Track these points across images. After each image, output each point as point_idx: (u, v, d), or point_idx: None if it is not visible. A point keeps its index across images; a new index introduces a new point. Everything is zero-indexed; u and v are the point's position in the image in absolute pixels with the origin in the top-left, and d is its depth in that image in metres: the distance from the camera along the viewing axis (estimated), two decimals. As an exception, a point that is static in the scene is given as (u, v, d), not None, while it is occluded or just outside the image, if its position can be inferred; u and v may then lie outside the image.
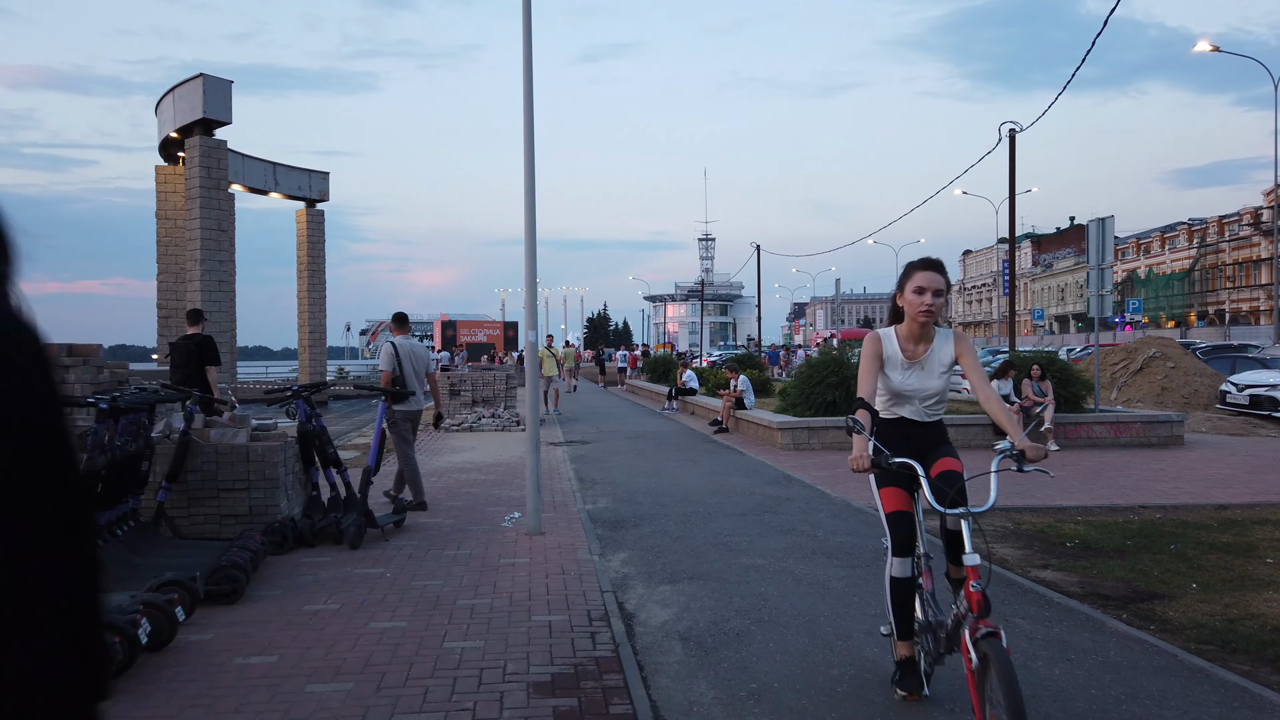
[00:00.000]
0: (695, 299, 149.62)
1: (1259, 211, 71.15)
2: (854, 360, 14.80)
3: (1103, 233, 14.45)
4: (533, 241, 7.49)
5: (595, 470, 11.35)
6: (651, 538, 7.19)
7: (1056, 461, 12.02)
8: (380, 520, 7.24)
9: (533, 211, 7.51)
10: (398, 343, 8.83)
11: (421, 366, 8.94)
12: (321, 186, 31.03)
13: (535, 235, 7.48)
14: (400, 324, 9.19)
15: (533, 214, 7.47)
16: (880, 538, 4.03)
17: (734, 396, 16.60)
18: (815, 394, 14.45)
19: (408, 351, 8.82)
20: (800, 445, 13.55)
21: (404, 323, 9.21)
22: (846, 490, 9.63)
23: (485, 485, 10.22)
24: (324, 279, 31.48)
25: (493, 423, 17.31)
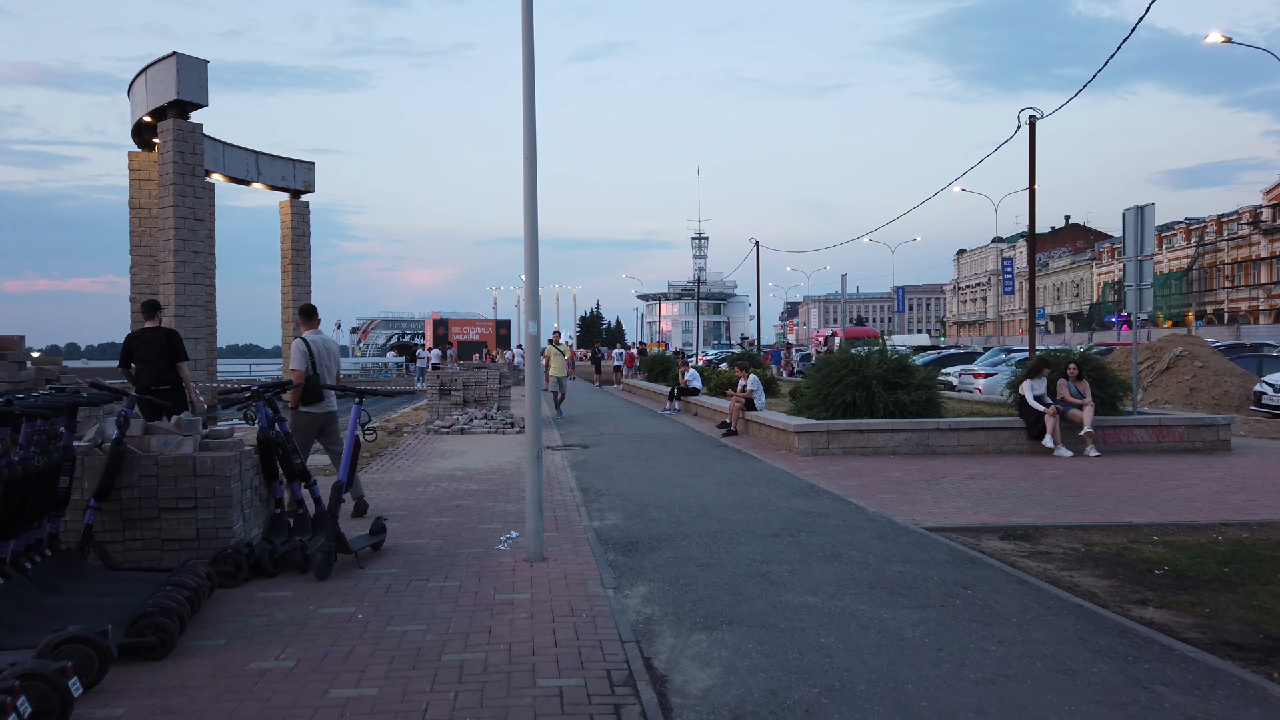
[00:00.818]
0: (688, 298, 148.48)
1: (1258, 210, 70.46)
2: (874, 356, 13.76)
3: (1141, 222, 13.44)
4: (533, 216, 6.41)
5: (599, 479, 10.27)
6: (673, 565, 6.12)
7: (1102, 469, 11.00)
8: (354, 544, 6.15)
9: (533, 180, 6.43)
10: (309, 339, 7.83)
11: (334, 364, 8.06)
12: (306, 177, 29.82)
13: (536, 208, 6.40)
14: (308, 317, 8.22)
15: (533, 182, 6.40)
16: (945, 565, 2.95)
17: (743, 397, 15.54)
18: (834, 395, 13.40)
19: (320, 348, 7.83)
20: (819, 450, 12.50)
21: (312, 316, 8.26)
22: (882, 503, 8.58)
23: (478, 496, 9.13)
24: (309, 273, 30.26)
25: (485, 424, 16.21)
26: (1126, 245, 13.70)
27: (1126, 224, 13.68)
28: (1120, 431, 12.83)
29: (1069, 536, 7.31)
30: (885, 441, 12.61)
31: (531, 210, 6.39)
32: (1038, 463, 11.64)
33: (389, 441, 15.36)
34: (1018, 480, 10.15)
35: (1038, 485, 9.78)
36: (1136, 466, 11.23)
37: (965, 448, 12.66)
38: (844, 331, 29.71)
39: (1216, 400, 18.00)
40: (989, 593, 5.42)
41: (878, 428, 12.62)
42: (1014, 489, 9.54)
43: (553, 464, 11.68)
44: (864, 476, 10.48)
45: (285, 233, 29.75)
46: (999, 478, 10.35)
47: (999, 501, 8.78)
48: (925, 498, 8.98)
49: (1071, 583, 5.86)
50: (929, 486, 9.71)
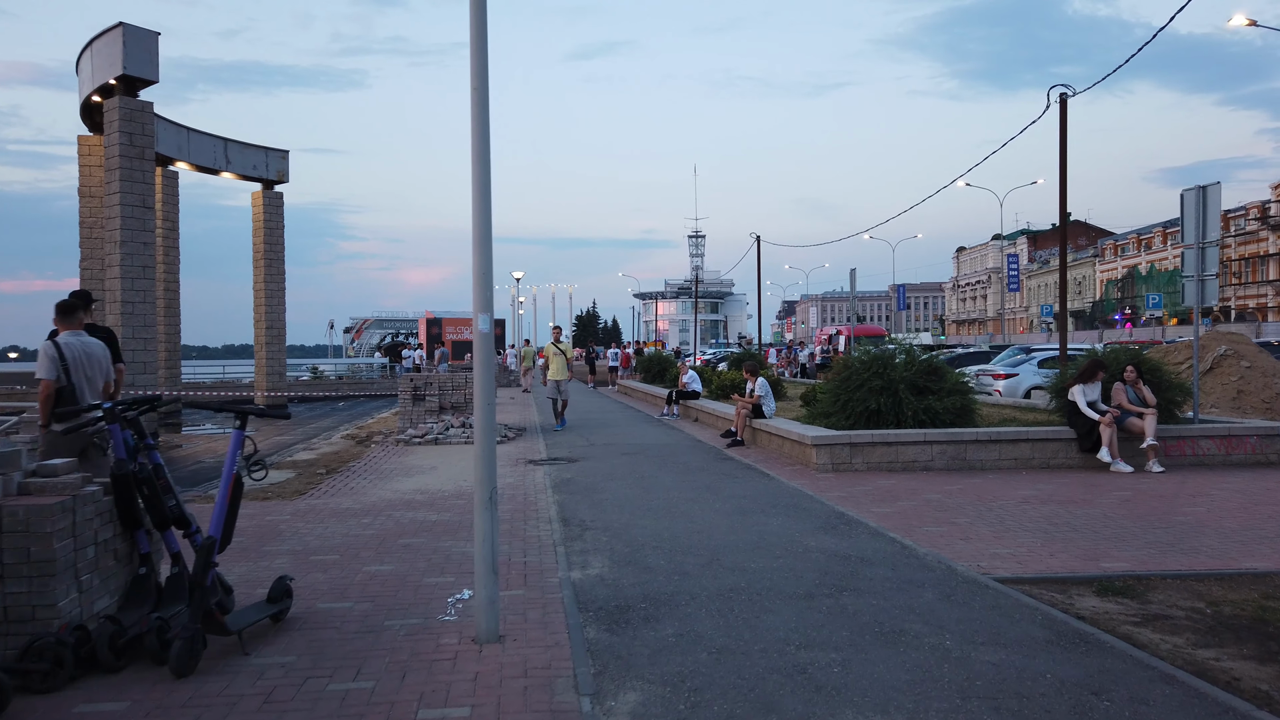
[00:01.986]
0: (685, 297, 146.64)
1: (1266, 206, 68.99)
2: (901, 358, 12.11)
3: (1203, 204, 11.79)
4: (485, 167, 4.74)
5: (585, 505, 8.60)
6: (677, 650, 4.45)
7: (1176, 489, 9.35)
8: (236, 620, 4.47)
9: (485, 128, 4.77)
10: (63, 341, 5.97)
11: (98, 373, 6.17)
12: (280, 166, 28.06)
13: (489, 155, 4.73)
14: (67, 314, 6.20)
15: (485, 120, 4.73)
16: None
17: (751, 403, 13.88)
18: (855, 401, 11.74)
19: (79, 352, 5.98)
20: (840, 466, 10.85)
21: (72, 313, 6.22)
22: (932, 541, 6.92)
23: (435, 532, 7.46)
24: (283, 269, 28.49)
25: (462, 434, 14.54)
26: (1186, 230, 12.05)
27: (1186, 206, 12.03)
28: (1184, 443, 11.19)
29: (1182, 590, 5.67)
30: (916, 455, 10.96)
31: (483, 165, 4.73)
32: (1096, 481, 10.00)
33: (353, 453, 13.68)
34: (1082, 505, 8.50)
35: (1109, 512, 8.14)
36: (1214, 485, 9.58)
37: (1008, 462, 11.02)
38: (851, 330, 28.10)
39: (1268, 404, 16.37)
40: (1134, 704, 3.77)
41: (907, 439, 10.98)
42: (1083, 517, 7.89)
43: (532, 484, 10.01)
44: (899, 500, 8.82)
45: (257, 225, 27.94)
46: (1059, 501, 8.71)
47: (1073, 536, 7.13)
48: (982, 531, 7.33)
49: (1226, 675, 4.22)
50: (980, 514, 8.06)
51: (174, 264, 25.44)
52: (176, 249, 25.53)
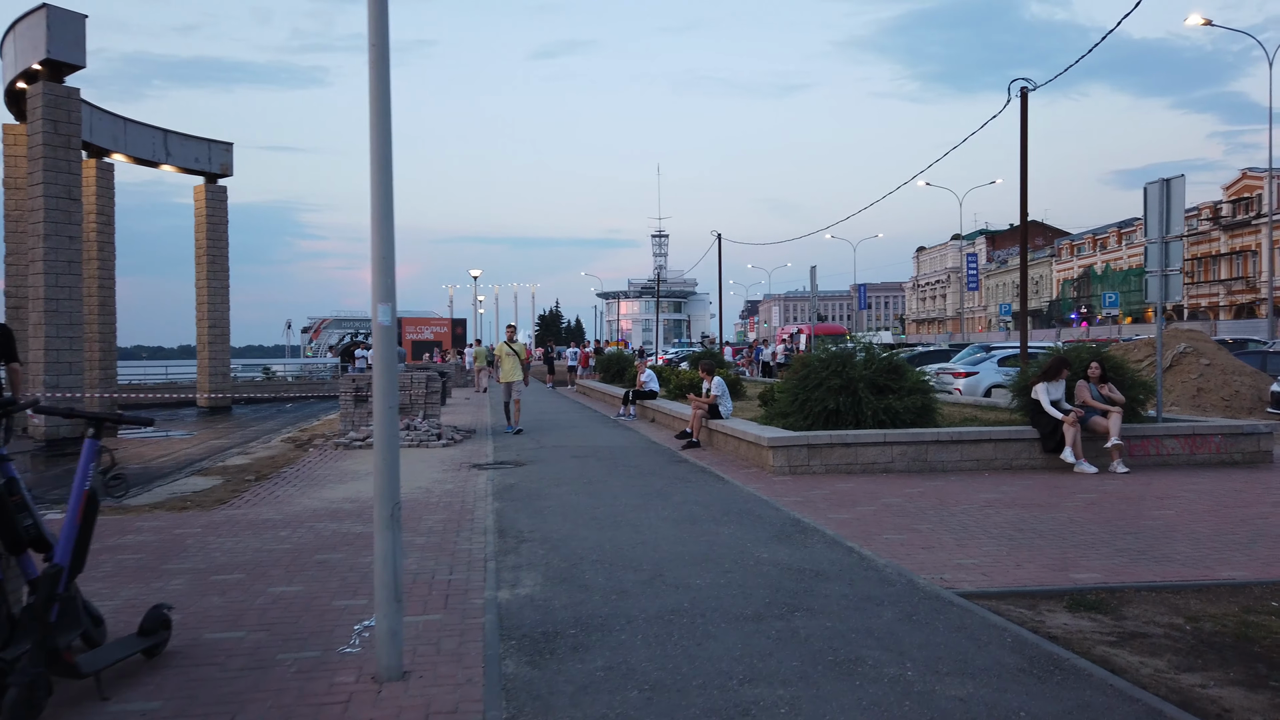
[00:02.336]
0: (649, 296, 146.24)
1: (1218, 207, 70.29)
2: (861, 356, 11.71)
3: (1167, 198, 11.53)
4: (384, 134, 4.17)
5: (525, 513, 8.04)
6: (604, 687, 3.91)
7: (1142, 490, 9.03)
8: (86, 664, 3.84)
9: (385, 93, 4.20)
10: None
11: None
12: (224, 159, 27.01)
13: (389, 120, 4.16)
14: None
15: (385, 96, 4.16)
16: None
17: (707, 403, 13.40)
18: (814, 401, 11.31)
19: None
20: (798, 468, 10.40)
21: None
22: (892, 550, 6.47)
23: (356, 546, 6.85)
24: (226, 265, 27.44)
25: (406, 437, 13.88)
26: (1149, 225, 11.79)
27: (1149, 201, 11.76)
28: (1148, 443, 10.90)
29: (1158, 604, 5.27)
30: (876, 457, 10.54)
31: (383, 132, 4.16)
32: (1060, 482, 9.66)
33: (290, 458, 12.98)
34: (1047, 508, 8.13)
35: (1075, 516, 7.76)
36: (1180, 487, 9.28)
37: (970, 463, 10.65)
38: (812, 328, 27.79)
39: (1227, 401, 16.29)
40: (1117, 744, 3.30)
41: (867, 440, 10.56)
42: (1049, 522, 7.51)
43: (472, 490, 9.42)
44: (858, 505, 8.38)
45: (199, 220, 26.86)
46: (1023, 504, 8.33)
47: (1039, 543, 6.73)
48: (944, 539, 6.90)
49: (1216, 706, 3.79)
50: (942, 519, 7.64)
51: (109, 260, 24.33)
52: (112, 244, 24.43)
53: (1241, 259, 67.96)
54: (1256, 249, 66.02)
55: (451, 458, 12.33)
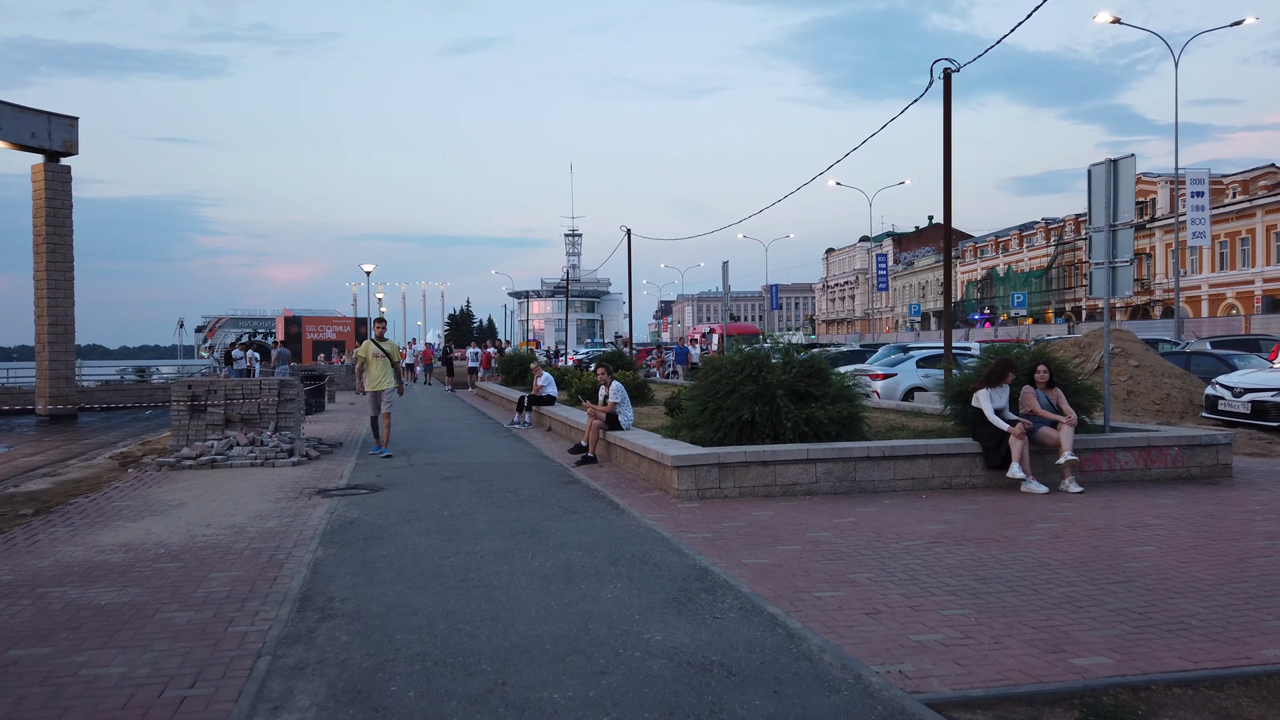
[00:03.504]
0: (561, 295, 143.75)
1: (1113, 211, 72.28)
2: (778, 359, 10.15)
3: (1114, 180, 10.30)
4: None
5: (350, 569, 6.11)
6: None
7: (1107, 517, 7.66)
8: None
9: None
10: None
11: None
12: (66, 135, 23.93)
13: None
14: None
15: None
16: None
17: (604, 411, 11.64)
18: (725, 410, 9.68)
19: None
20: (707, 492, 8.74)
21: None
22: (829, 620, 4.83)
23: (86, 630, 4.83)
24: (70, 255, 24.32)
25: (249, 454, 11.69)
26: (1093, 211, 10.56)
27: (1094, 184, 10.53)
28: (1099, 456, 9.63)
29: (1199, 707, 3.74)
30: (798, 476, 8.96)
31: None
32: (1010, 505, 8.25)
33: (103, 480, 10.67)
34: (1006, 544, 6.65)
35: (1043, 555, 6.30)
36: (1148, 511, 7.96)
37: (904, 482, 9.17)
38: (725, 328, 26.36)
39: (1159, 405, 15.40)
40: None
41: (787, 456, 8.97)
42: (1013, 565, 6.01)
43: (299, 529, 7.43)
44: (780, 542, 6.75)
45: (38, 204, 23.67)
46: (976, 539, 6.84)
47: (1012, 600, 5.19)
48: (892, 596, 5.30)
49: None
50: (885, 564, 6.06)
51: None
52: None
53: (1137, 261, 70.09)
54: (1151, 251, 68.14)
55: (296, 481, 10.25)
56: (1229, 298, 61.25)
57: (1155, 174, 69.25)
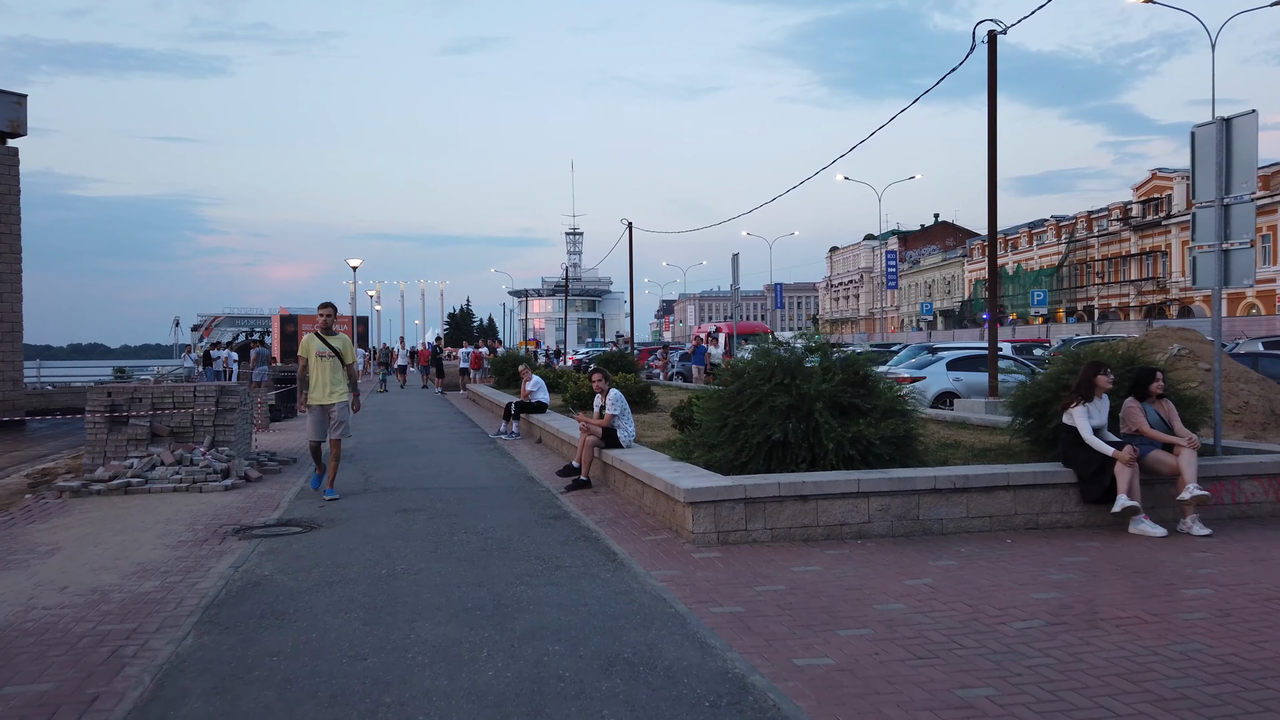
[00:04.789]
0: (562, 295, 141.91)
1: (1128, 207, 70.35)
2: (814, 361, 8.20)
3: (1226, 144, 8.32)
4: None
5: (210, 687, 4.14)
6: None
7: (1262, 576, 5.70)
8: None
9: None
10: None
11: None
12: (14, 115, 21.99)
13: None
14: None
15: None
16: None
17: (600, 425, 9.68)
18: (749, 426, 7.72)
19: None
20: (731, 535, 6.78)
21: None
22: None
23: None
24: (18, 243, 22.39)
25: (174, 475, 9.74)
26: (1199, 183, 8.57)
27: (1198, 150, 8.55)
28: (1220, 486, 7.65)
29: None
30: (846, 514, 7.00)
31: None
32: (1129, 558, 6.29)
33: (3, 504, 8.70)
34: (1157, 628, 4.71)
35: (1222, 650, 4.35)
36: (1316, 565, 5.99)
37: (980, 521, 7.21)
38: (735, 326, 24.38)
39: (1236, 415, 13.42)
40: None
41: (833, 488, 7.00)
42: (1189, 669, 4.08)
43: (179, 597, 5.46)
44: (840, 623, 4.80)
45: (-17, 189, 21.78)
46: (1112, 618, 4.88)
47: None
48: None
49: None
50: (1004, 669, 4.10)
51: None
52: None
53: (1152, 259, 67.99)
54: (1167, 249, 66.07)
55: (218, 513, 8.29)
56: (1249, 296, 59.17)
57: (1171, 170, 67.22)
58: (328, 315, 9.44)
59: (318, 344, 9.25)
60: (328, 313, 9.45)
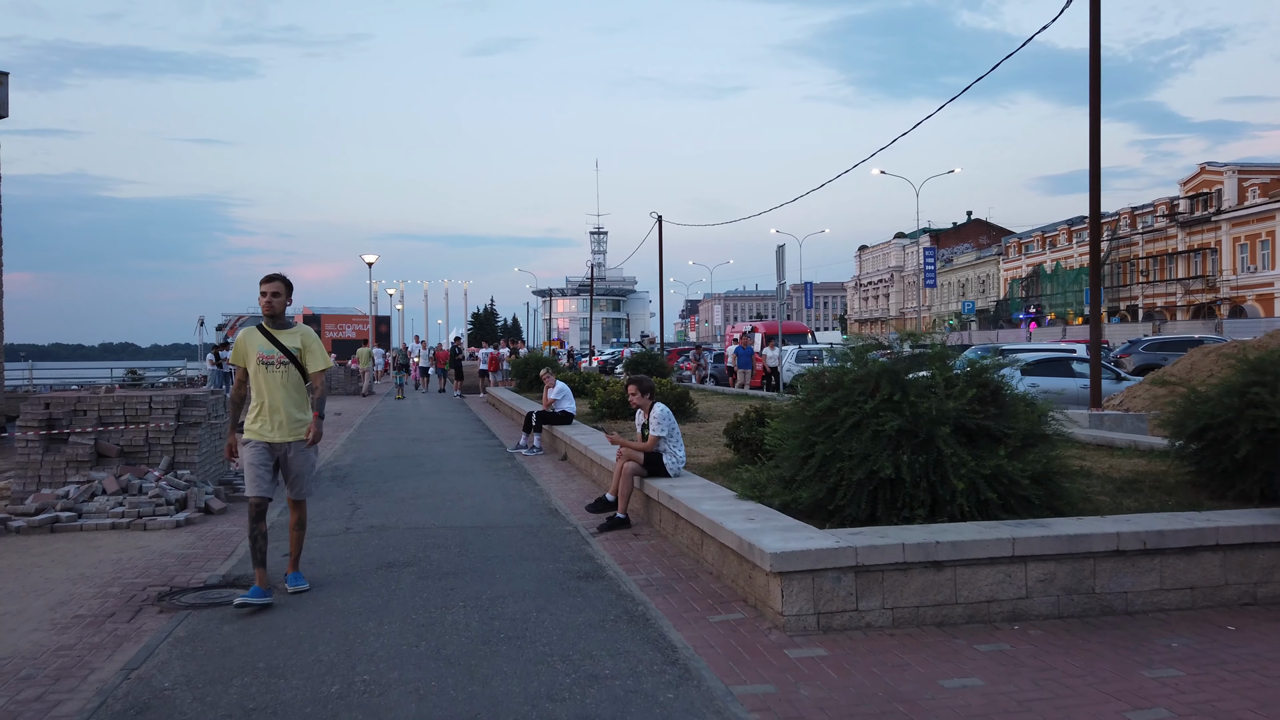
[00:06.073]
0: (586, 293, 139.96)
1: (1175, 202, 67.39)
2: (932, 369, 6.20)
3: None
4: None
5: None
6: None
7: None
8: None
9: None
10: None
11: None
12: (-5, 94, 20.44)
13: None
14: None
15: None
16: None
17: (643, 450, 7.70)
18: (845, 455, 5.72)
19: None
20: (836, 619, 4.79)
21: None
22: None
23: None
24: (-1, 236, 20.81)
25: (114, 508, 7.89)
26: None
27: None
28: None
29: None
30: (996, 587, 4.98)
31: None
32: None
33: None
34: None
35: None
36: None
37: (1176, 595, 5.17)
38: (779, 325, 22.36)
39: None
40: None
41: (978, 550, 4.98)
42: None
43: (44, 715, 3.58)
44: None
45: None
46: None
47: None
48: None
49: None
50: None
51: None
52: None
53: (1200, 257, 64.97)
54: (1216, 246, 63.08)
55: (154, 561, 6.42)
56: (1281, 296, 56.16)
57: (1221, 164, 64.26)
58: (275, 294, 5.73)
59: (260, 343, 5.70)
60: (275, 289, 5.74)
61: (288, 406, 5.66)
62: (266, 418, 5.64)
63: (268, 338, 5.72)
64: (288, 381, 5.69)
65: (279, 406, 5.63)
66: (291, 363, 5.70)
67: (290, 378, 5.70)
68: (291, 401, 5.69)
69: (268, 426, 5.65)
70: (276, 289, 5.76)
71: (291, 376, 5.70)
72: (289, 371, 5.69)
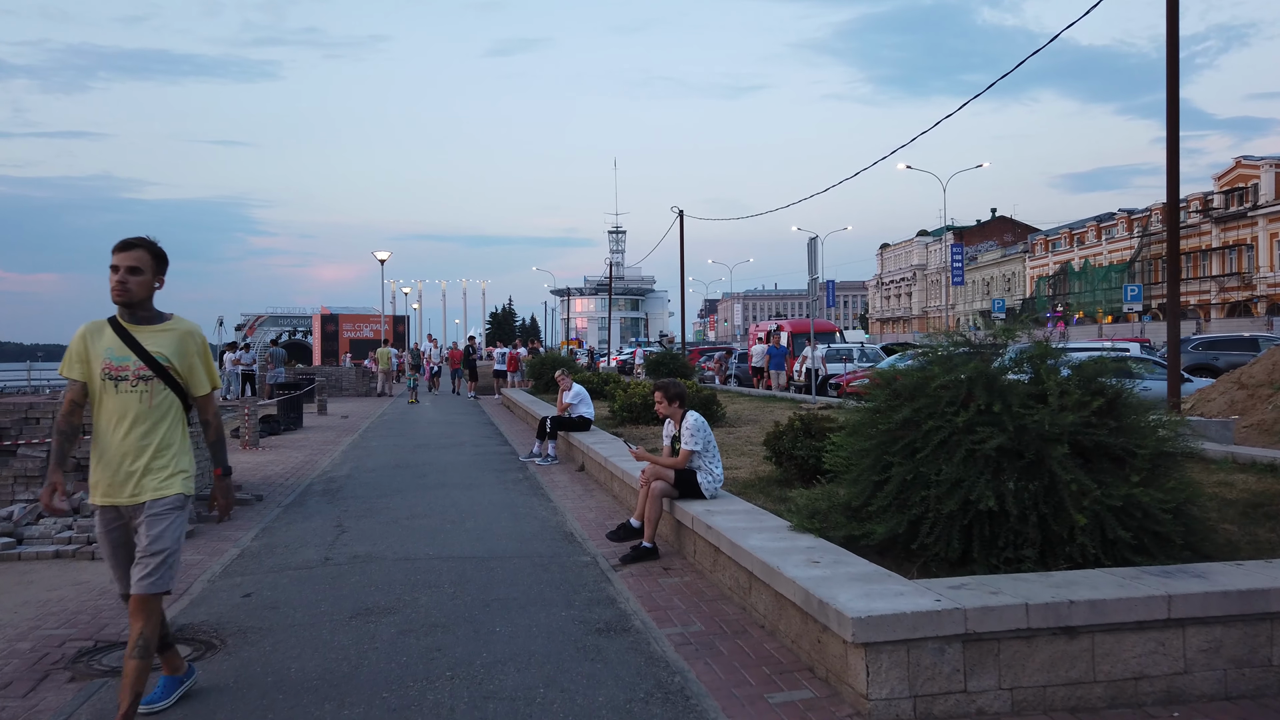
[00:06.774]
0: (605, 292, 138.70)
1: (1209, 197, 65.44)
2: (1042, 373, 5.01)
3: None
4: None
5: None
6: None
7: None
8: None
9: None
10: None
11: None
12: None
13: None
14: None
15: None
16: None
17: (672, 466, 6.54)
18: (932, 480, 4.55)
19: None
20: (937, 704, 3.62)
21: None
22: None
23: None
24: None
25: (60, 532, 6.82)
26: None
27: None
28: None
29: None
30: (1146, 660, 3.79)
31: None
32: None
33: None
34: None
35: None
36: None
37: (1376, 666, 3.96)
38: (813, 324, 21.14)
39: None
40: None
41: (1122, 611, 3.78)
42: None
43: None
44: None
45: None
46: None
47: None
48: None
49: None
50: None
51: None
52: None
53: (1235, 253, 63.01)
54: (1252, 242, 61.14)
55: (86, 604, 5.33)
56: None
57: (1258, 158, 62.28)
58: (132, 269, 3.63)
59: (109, 345, 3.66)
60: (132, 262, 3.63)
61: (140, 450, 3.59)
62: (110, 465, 3.58)
63: (121, 337, 3.65)
64: (149, 408, 3.61)
65: (130, 450, 3.57)
66: (158, 377, 3.64)
67: (155, 401, 3.63)
68: (147, 438, 3.61)
69: (106, 479, 3.59)
70: (135, 261, 3.63)
71: (157, 400, 3.63)
72: (153, 391, 3.63)
